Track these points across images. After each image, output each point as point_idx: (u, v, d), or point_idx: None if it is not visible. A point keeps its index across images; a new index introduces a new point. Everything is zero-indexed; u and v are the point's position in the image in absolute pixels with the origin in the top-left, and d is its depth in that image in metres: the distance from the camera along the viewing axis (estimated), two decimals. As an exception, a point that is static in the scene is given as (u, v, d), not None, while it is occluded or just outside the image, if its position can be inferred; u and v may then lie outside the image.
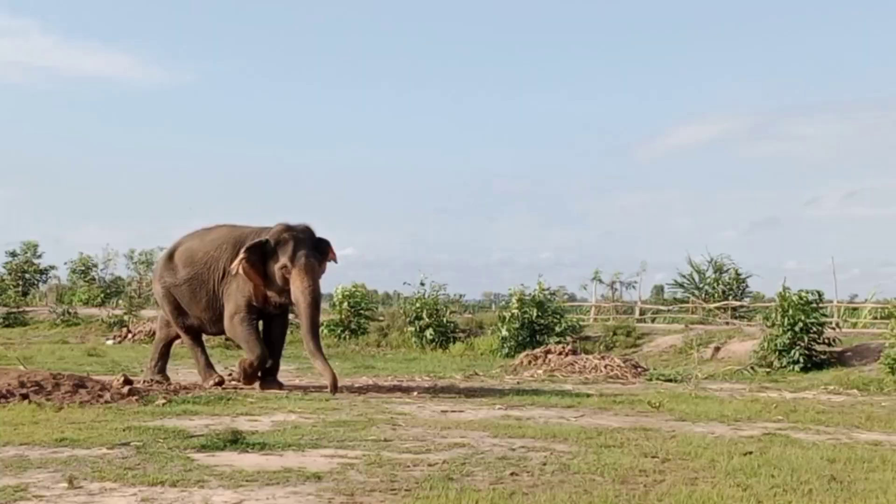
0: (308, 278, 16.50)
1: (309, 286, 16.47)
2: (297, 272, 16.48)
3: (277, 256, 16.63)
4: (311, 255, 16.71)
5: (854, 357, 23.49)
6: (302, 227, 17.04)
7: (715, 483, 8.35)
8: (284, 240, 16.70)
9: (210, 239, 17.83)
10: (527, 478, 8.58)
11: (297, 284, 16.48)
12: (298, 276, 16.48)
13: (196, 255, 17.73)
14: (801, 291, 23.89)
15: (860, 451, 10.31)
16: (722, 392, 18.17)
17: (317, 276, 16.84)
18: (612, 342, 28.75)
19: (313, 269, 16.69)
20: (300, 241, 16.74)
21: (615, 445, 10.57)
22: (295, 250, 16.57)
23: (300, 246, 16.65)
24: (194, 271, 17.61)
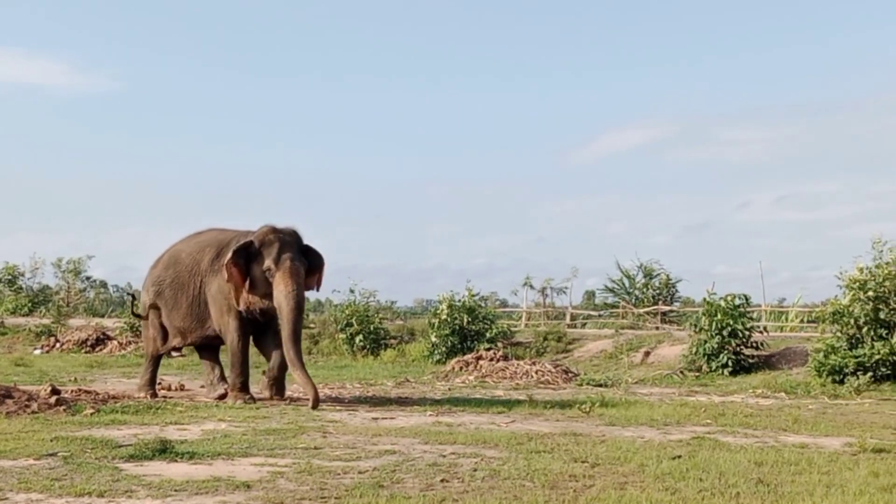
0: (292, 282, 15.74)
1: (293, 290, 15.71)
2: (281, 275, 15.78)
3: (262, 259, 15.95)
4: (297, 259, 15.99)
5: (782, 360, 23.73)
6: (289, 230, 16.35)
7: (644, 487, 8.40)
8: (269, 242, 16.03)
9: (196, 242, 17.29)
10: (457, 484, 8.58)
11: (279, 288, 15.77)
12: (282, 279, 15.77)
13: (180, 258, 17.21)
14: (728, 296, 24.13)
15: (787, 454, 10.41)
16: (652, 396, 18.30)
17: (301, 281, 15.96)
18: (544, 348, 28.83)
19: (298, 272, 15.90)
20: (286, 243, 16.05)
21: (545, 451, 10.60)
22: (280, 253, 15.89)
23: (286, 249, 15.97)
24: (175, 273, 17.07)
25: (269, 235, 16.07)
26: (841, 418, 14.67)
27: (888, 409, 16.18)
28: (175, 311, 17.07)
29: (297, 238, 16.35)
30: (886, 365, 20.42)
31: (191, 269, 16.88)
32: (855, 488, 8.35)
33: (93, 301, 54.12)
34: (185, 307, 16.93)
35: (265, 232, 16.16)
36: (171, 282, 17.05)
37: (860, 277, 21.58)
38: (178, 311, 17.03)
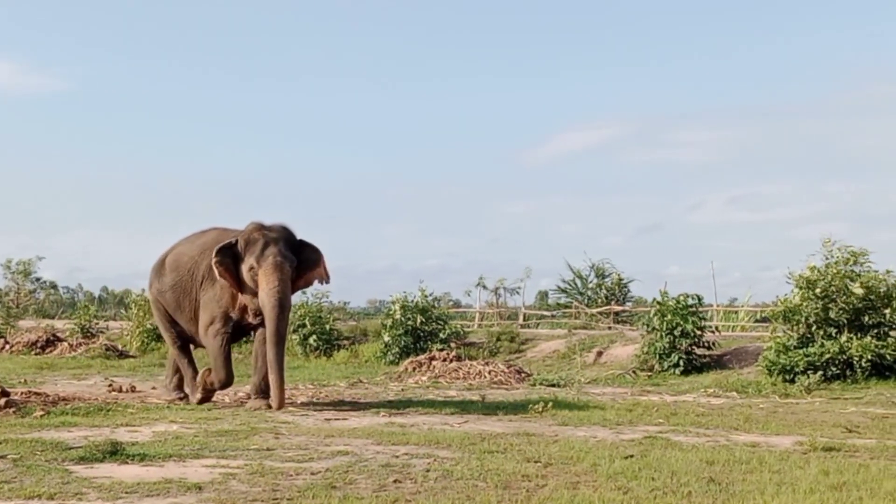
0: (274, 278, 15.11)
1: (274, 287, 15.07)
2: (263, 272, 15.16)
3: (246, 257, 15.41)
4: (282, 255, 15.29)
5: (733, 360, 23.91)
6: (277, 227, 15.75)
7: (596, 487, 8.42)
8: (254, 239, 15.46)
9: (198, 243, 16.68)
10: (410, 485, 8.56)
11: (262, 285, 15.17)
12: (264, 277, 15.14)
13: (181, 261, 16.70)
14: (680, 296, 24.28)
15: (738, 453, 10.46)
16: (604, 396, 18.37)
17: (285, 277, 15.27)
18: (497, 348, 28.89)
19: (281, 268, 15.22)
20: (272, 240, 15.41)
21: (498, 451, 10.60)
22: (263, 249, 15.30)
23: (270, 245, 15.34)
24: (179, 277, 16.59)
25: (254, 233, 15.56)
26: (791, 417, 14.77)
27: (838, 408, 16.30)
28: (179, 314, 16.81)
29: (285, 235, 15.73)
30: (836, 364, 20.60)
31: (192, 272, 16.43)
32: (805, 486, 8.40)
33: (43, 302, 53.78)
34: (188, 311, 16.58)
35: (250, 230, 15.68)
36: (174, 285, 16.65)
37: (810, 277, 21.76)
38: (182, 314, 16.74)
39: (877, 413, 15.50)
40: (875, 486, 8.43)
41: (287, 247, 15.55)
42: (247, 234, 15.59)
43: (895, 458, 10.43)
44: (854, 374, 20.56)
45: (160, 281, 16.91)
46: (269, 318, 15.09)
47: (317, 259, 16.03)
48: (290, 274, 15.41)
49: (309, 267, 15.97)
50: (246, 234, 15.60)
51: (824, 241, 22.32)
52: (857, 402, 17.30)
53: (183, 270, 16.53)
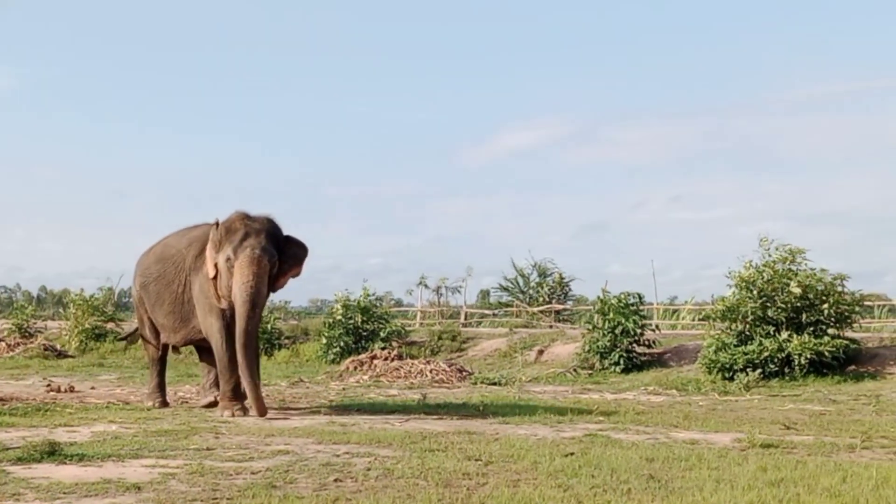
0: (249, 272, 14.10)
1: (247, 281, 14.08)
2: (239, 264, 14.15)
3: (224, 247, 14.41)
4: (261, 248, 14.26)
5: (673, 358, 24.09)
6: (261, 218, 14.69)
7: (537, 485, 8.43)
8: (234, 229, 14.44)
9: (188, 236, 15.72)
10: (350, 484, 8.54)
11: (235, 279, 14.20)
12: (238, 269, 14.13)
13: (168, 252, 15.82)
14: (621, 294, 24.42)
15: (678, 450, 10.51)
16: (545, 394, 18.43)
17: (261, 272, 14.23)
18: (438, 347, 28.92)
19: (257, 262, 14.17)
20: (253, 231, 14.39)
21: (439, 449, 10.59)
22: (242, 241, 14.28)
23: (250, 237, 14.32)
24: (162, 268, 15.70)
25: (235, 223, 14.54)
26: (730, 414, 14.88)
27: (776, 405, 16.46)
28: (158, 306, 15.77)
29: (268, 227, 14.66)
30: (775, 361, 20.82)
31: (177, 264, 15.53)
32: (744, 483, 8.46)
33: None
34: (167, 304, 15.58)
35: (232, 219, 14.66)
36: (158, 276, 15.72)
37: (749, 276, 21.97)
38: (161, 307, 15.71)
39: (814, 410, 15.66)
40: (812, 483, 8.50)
41: (269, 240, 14.52)
42: (228, 223, 14.62)
43: (832, 454, 10.53)
44: (792, 372, 20.79)
45: (145, 274, 16.06)
46: (238, 314, 14.16)
47: (302, 255, 15.14)
48: (267, 269, 14.37)
49: (295, 263, 15.07)
50: (227, 223, 14.63)
51: (762, 240, 22.56)
52: (795, 400, 17.48)
53: (168, 262, 15.71)
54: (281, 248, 14.75)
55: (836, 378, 20.52)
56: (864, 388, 19.51)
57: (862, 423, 13.50)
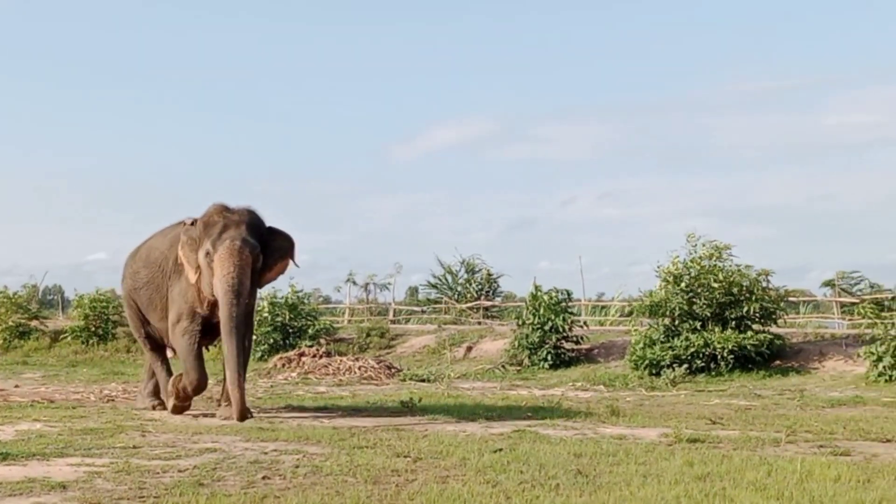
0: (229, 264, 13.27)
1: (228, 273, 13.25)
2: (219, 257, 13.34)
3: (203, 242, 13.66)
4: (241, 240, 13.42)
5: (601, 354, 24.25)
6: (241, 210, 13.90)
7: (465, 481, 8.45)
8: (212, 223, 13.69)
9: (170, 236, 14.88)
10: (279, 481, 8.51)
11: (216, 272, 13.38)
12: (219, 262, 13.32)
13: (153, 255, 15.04)
14: (550, 291, 24.53)
15: (605, 446, 10.58)
16: (474, 391, 18.47)
17: (243, 264, 13.35)
18: (367, 343, 28.88)
19: (238, 253, 13.31)
20: (232, 223, 13.61)
21: (368, 446, 10.59)
22: (221, 233, 13.51)
23: (230, 229, 13.54)
24: (150, 273, 14.93)
25: (214, 216, 13.79)
26: (657, 409, 15.01)
27: (702, 400, 16.63)
28: (152, 311, 15.08)
29: (249, 219, 13.84)
30: (701, 357, 21.03)
31: (162, 268, 14.80)
32: (670, 477, 8.53)
33: None
34: (160, 309, 14.84)
35: (210, 213, 13.91)
36: (147, 282, 14.99)
37: (675, 271, 22.17)
38: (154, 312, 15.01)
39: (740, 405, 15.84)
40: (738, 476, 8.59)
41: (250, 232, 13.70)
42: (206, 217, 13.89)
43: (758, 448, 10.65)
44: (718, 367, 21.02)
45: (134, 278, 15.31)
46: (221, 304, 13.34)
47: (288, 248, 14.30)
48: (249, 261, 13.50)
49: (281, 256, 14.24)
50: (205, 217, 13.90)
51: (689, 236, 22.78)
52: (720, 394, 17.68)
53: (154, 266, 14.94)
54: (264, 241, 13.97)
55: (761, 373, 20.77)
56: (788, 382, 19.78)
57: (787, 418, 13.67)
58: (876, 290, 32.78)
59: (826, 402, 16.26)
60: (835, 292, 35.22)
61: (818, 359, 21.63)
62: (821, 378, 20.29)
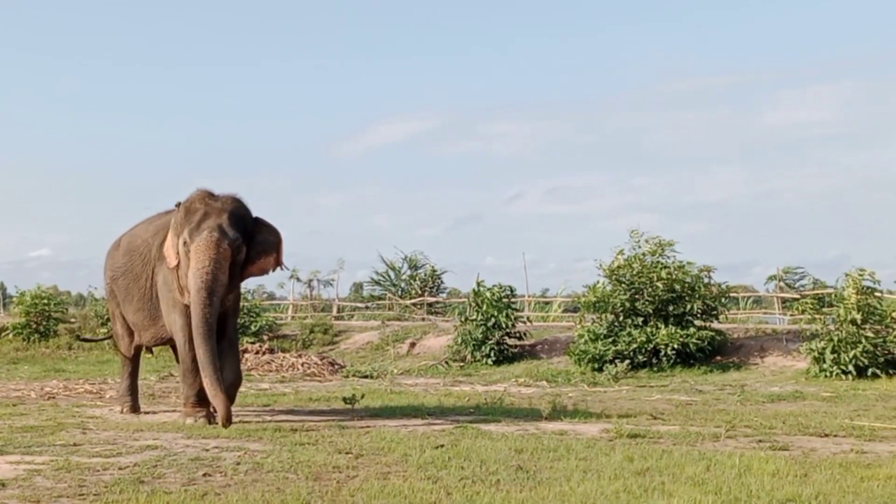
0: (204, 257, 12.23)
1: (202, 266, 12.19)
2: (194, 248, 12.32)
3: (182, 230, 12.65)
4: (220, 231, 12.39)
5: (544, 350, 24.35)
6: (224, 198, 12.89)
7: (407, 477, 8.47)
8: (193, 210, 12.69)
9: (154, 224, 14.00)
10: (220, 478, 8.50)
11: (191, 264, 12.36)
12: (194, 254, 12.31)
13: (135, 243, 14.11)
14: (494, 287, 24.60)
15: (546, 441, 10.64)
16: (417, 387, 18.51)
17: (219, 258, 12.28)
18: (310, 340, 28.86)
19: (216, 246, 12.26)
20: (213, 211, 12.60)
21: (309, 443, 10.58)
22: (200, 222, 12.50)
23: (210, 217, 12.52)
24: (129, 261, 14.02)
25: (195, 203, 12.79)
26: (599, 405, 15.08)
27: (644, 396, 16.74)
28: (128, 303, 14.17)
29: (232, 207, 12.81)
30: (643, 353, 21.19)
31: (143, 256, 13.86)
32: (610, 473, 8.59)
33: None
34: (136, 300, 13.94)
35: (192, 199, 12.91)
36: (126, 271, 14.10)
37: (619, 267, 22.30)
38: (130, 303, 14.11)
39: (680, 400, 15.96)
40: (677, 471, 8.67)
41: (233, 222, 12.65)
42: (188, 203, 12.90)
43: (697, 443, 10.74)
44: (660, 363, 21.19)
45: (113, 268, 14.49)
46: (193, 303, 12.28)
47: (274, 242, 13.21)
48: (227, 254, 12.44)
49: (264, 251, 13.11)
50: (186, 203, 12.92)
51: (632, 232, 22.94)
52: (662, 390, 17.80)
53: (135, 254, 14.01)
54: (249, 233, 12.98)
55: (702, 368, 20.96)
56: (729, 378, 19.96)
57: (726, 413, 13.79)
58: (818, 286, 33.16)
59: (766, 397, 16.43)
60: (777, 288, 35.58)
61: (759, 354, 21.84)
62: (761, 373, 20.49)
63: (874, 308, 19.78)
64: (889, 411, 14.12)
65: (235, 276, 12.87)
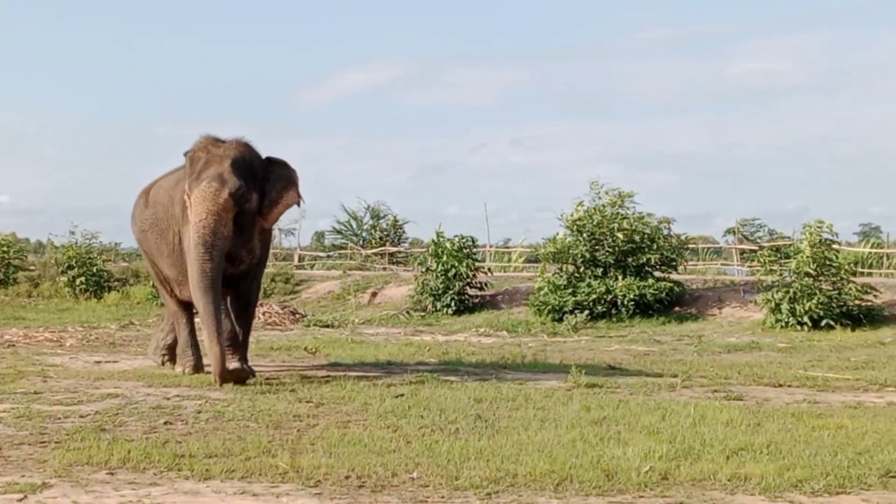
0: (201, 209, 11.53)
1: (199, 220, 11.51)
2: (193, 201, 11.66)
3: (187, 181, 11.98)
4: (219, 181, 11.61)
5: (505, 300, 24.44)
6: (229, 143, 12.14)
7: (367, 425, 8.56)
8: (196, 158, 11.97)
9: (177, 174, 12.97)
10: (181, 426, 8.56)
11: (190, 218, 11.75)
12: (193, 207, 11.66)
13: (158, 194, 13.21)
14: (455, 237, 24.64)
15: (505, 391, 10.72)
16: (378, 336, 18.56)
17: (217, 208, 11.52)
18: (271, 289, 28.79)
19: (213, 197, 11.52)
20: (215, 159, 11.84)
21: (270, 392, 10.65)
22: (201, 171, 11.78)
23: (211, 166, 11.78)
24: (154, 215, 13.12)
25: (199, 151, 12.08)
26: (558, 355, 15.21)
27: (603, 346, 16.90)
28: (159, 257, 13.28)
29: (237, 153, 12.00)
30: (602, 303, 21.33)
31: (167, 210, 12.93)
32: (567, 422, 8.71)
33: None
34: (167, 256, 13.02)
35: (196, 146, 12.21)
36: (152, 224, 13.19)
37: (579, 219, 22.40)
38: (161, 258, 13.21)
39: (638, 350, 16.12)
40: (633, 420, 8.81)
41: (236, 169, 11.83)
42: (192, 151, 12.22)
43: (654, 393, 10.89)
44: (619, 313, 21.34)
45: (140, 219, 13.50)
46: (191, 258, 11.71)
47: (290, 177, 12.52)
48: (229, 205, 11.63)
49: (284, 187, 12.39)
50: (191, 151, 12.24)
51: (592, 184, 23.00)
52: (620, 340, 17.97)
53: (159, 207, 13.11)
54: (261, 175, 12.25)
55: (661, 319, 21.12)
56: (687, 328, 20.14)
57: (683, 363, 13.96)
58: (776, 238, 33.42)
59: (722, 347, 16.62)
60: (735, 239, 35.80)
61: (717, 305, 22.02)
62: (718, 324, 20.68)
63: (830, 261, 19.98)
64: (842, 362, 14.34)
65: (248, 227, 12.05)
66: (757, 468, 6.85)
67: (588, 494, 6.26)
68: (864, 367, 13.81)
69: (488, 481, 6.45)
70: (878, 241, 36.13)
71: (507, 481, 6.48)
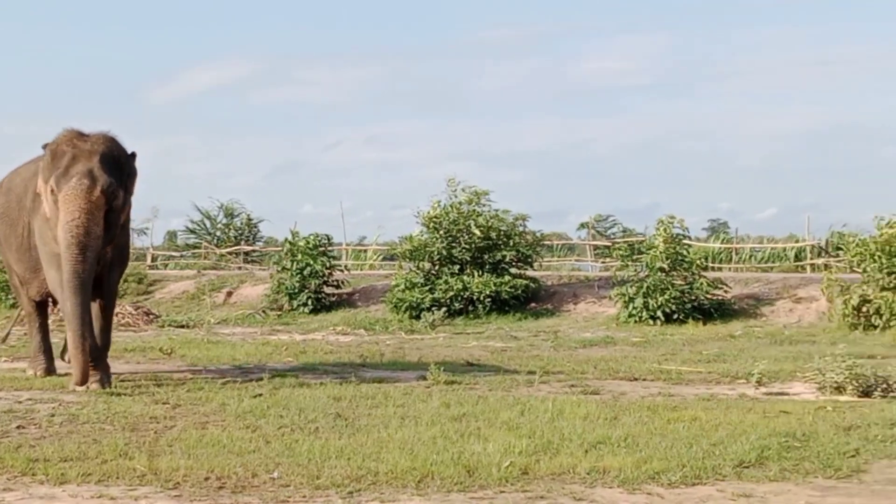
0: (73, 208, 10.88)
1: (72, 219, 10.85)
2: (63, 199, 10.95)
3: (50, 177, 11.19)
4: (90, 178, 11.01)
5: (361, 298, 24.46)
6: (95, 137, 11.52)
7: (225, 426, 8.48)
8: (61, 152, 11.28)
9: (36, 164, 12.07)
10: (34, 430, 8.38)
11: (60, 217, 10.98)
12: (63, 205, 10.94)
13: (14, 182, 12.65)
14: (310, 236, 24.58)
15: (365, 389, 10.70)
16: (234, 336, 18.42)
17: (90, 207, 10.92)
18: (124, 289, 28.27)
19: (86, 195, 10.92)
20: (83, 154, 11.21)
21: (126, 394, 10.49)
22: (68, 167, 11.11)
23: (79, 162, 11.14)
24: (7, 203, 12.55)
25: (63, 144, 11.39)
26: (416, 353, 15.24)
27: (460, 343, 16.99)
28: (9, 251, 12.74)
29: (104, 148, 11.42)
30: (459, 300, 21.46)
31: (20, 200, 12.32)
32: (427, 419, 8.73)
33: None
34: (15, 249, 12.49)
35: (59, 139, 11.52)
36: (2, 214, 12.62)
37: (435, 216, 22.49)
38: (10, 252, 12.68)
39: (496, 347, 16.26)
40: (493, 417, 8.86)
41: (105, 164, 11.26)
42: (54, 144, 11.50)
43: (512, 389, 10.98)
44: (476, 310, 21.48)
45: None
46: (64, 258, 10.92)
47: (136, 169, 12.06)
48: (101, 203, 11.10)
49: (134, 182, 12.01)
50: (53, 144, 11.52)
51: (449, 181, 23.13)
52: (478, 337, 18.10)
53: (12, 196, 12.54)
54: (126, 172, 11.77)
55: (517, 315, 21.31)
56: (543, 324, 20.37)
57: (540, 359, 14.12)
58: (628, 234, 33.93)
59: (578, 342, 16.85)
60: (589, 235, 36.29)
61: (572, 301, 22.31)
62: (574, 320, 20.96)
63: (682, 256, 20.38)
64: (695, 355, 14.65)
65: (114, 224, 11.53)
66: (615, 461, 6.95)
67: (450, 491, 6.28)
68: (716, 359, 14.12)
69: (350, 480, 6.44)
70: (727, 236, 36.88)
71: (369, 479, 6.48)
